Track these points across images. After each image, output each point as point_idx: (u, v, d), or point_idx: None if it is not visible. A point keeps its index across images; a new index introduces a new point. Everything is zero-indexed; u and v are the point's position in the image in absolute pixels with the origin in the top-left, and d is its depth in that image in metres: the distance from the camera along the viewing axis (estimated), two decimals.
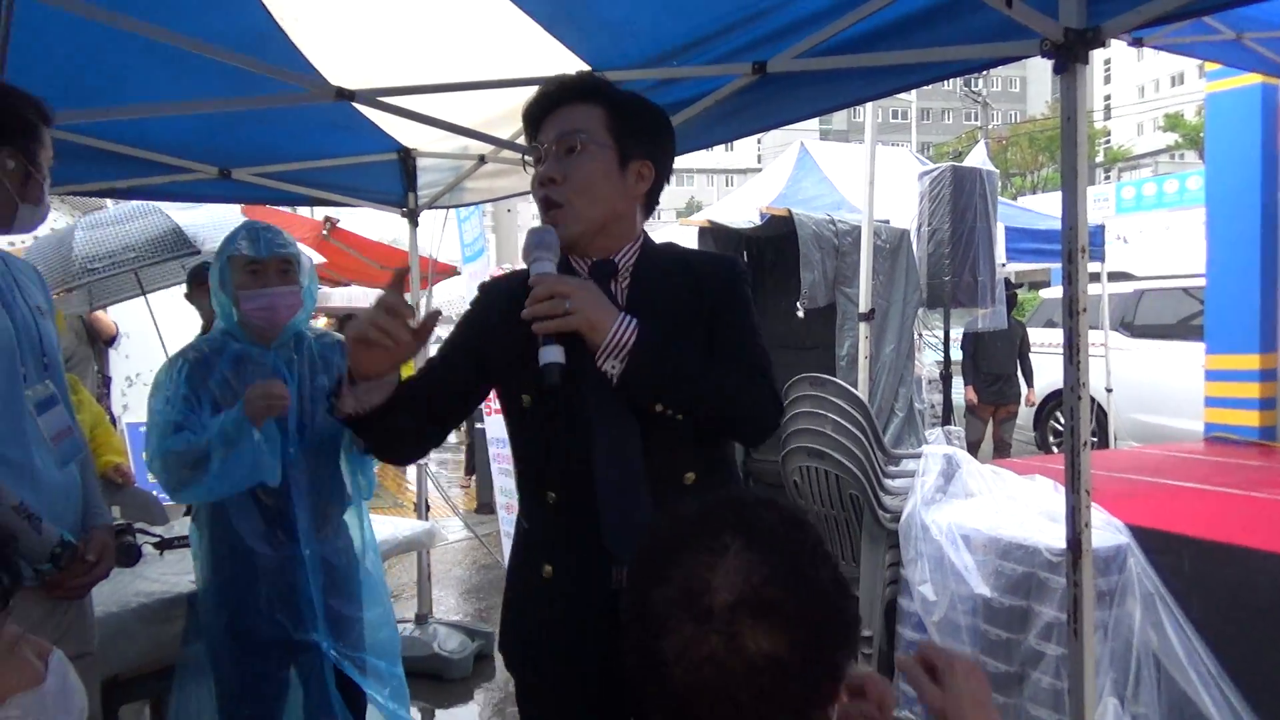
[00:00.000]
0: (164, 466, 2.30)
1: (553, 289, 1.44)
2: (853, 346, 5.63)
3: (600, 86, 1.63)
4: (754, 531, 0.89)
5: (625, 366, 1.46)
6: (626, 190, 1.59)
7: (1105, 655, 2.78)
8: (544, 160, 1.58)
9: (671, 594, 0.87)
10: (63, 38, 2.60)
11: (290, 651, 2.42)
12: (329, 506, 2.52)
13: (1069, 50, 1.93)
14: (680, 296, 1.60)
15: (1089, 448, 2.02)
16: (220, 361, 2.39)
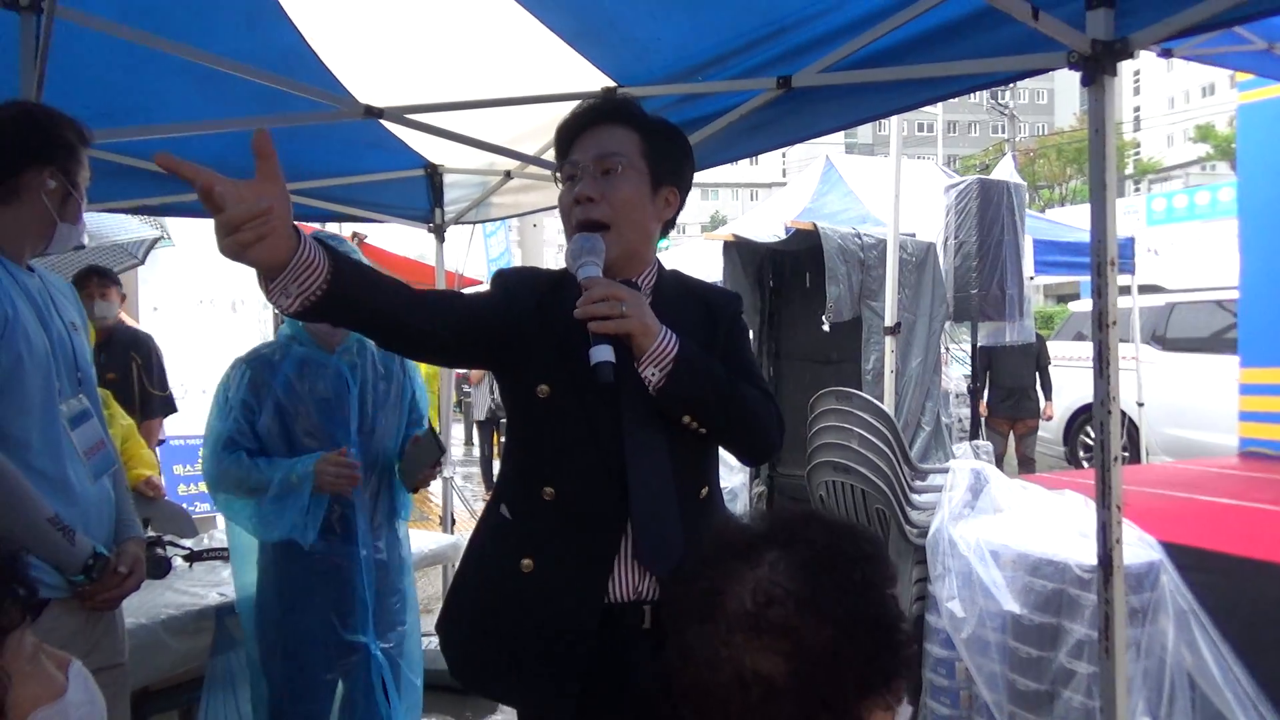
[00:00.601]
0: (217, 479, 2.41)
1: (608, 292, 1.47)
2: (878, 360, 5.60)
3: (636, 111, 1.65)
4: (793, 552, 0.87)
5: (666, 376, 1.49)
6: (655, 213, 1.63)
7: (1138, 674, 2.73)
8: (578, 179, 1.59)
9: (695, 593, 0.88)
10: (99, 59, 2.65)
11: (339, 651, 2.47)
12: (386, 512, 2.60)
13: (1097, 62, 1.92)
14: (697, 321, 1.64)
15: (1120, 463, 1.99)
16: (285, 364, 2.46)
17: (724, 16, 2.49)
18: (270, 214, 1.18)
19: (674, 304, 1.63)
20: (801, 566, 0.86)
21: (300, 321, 2.46)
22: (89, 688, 1.00)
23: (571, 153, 1.62)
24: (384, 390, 2.57)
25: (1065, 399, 9.22)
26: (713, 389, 1.55)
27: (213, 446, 2.41)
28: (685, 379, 1.51)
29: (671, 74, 2.81)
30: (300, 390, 2.44)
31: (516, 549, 1.59)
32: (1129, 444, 8.43)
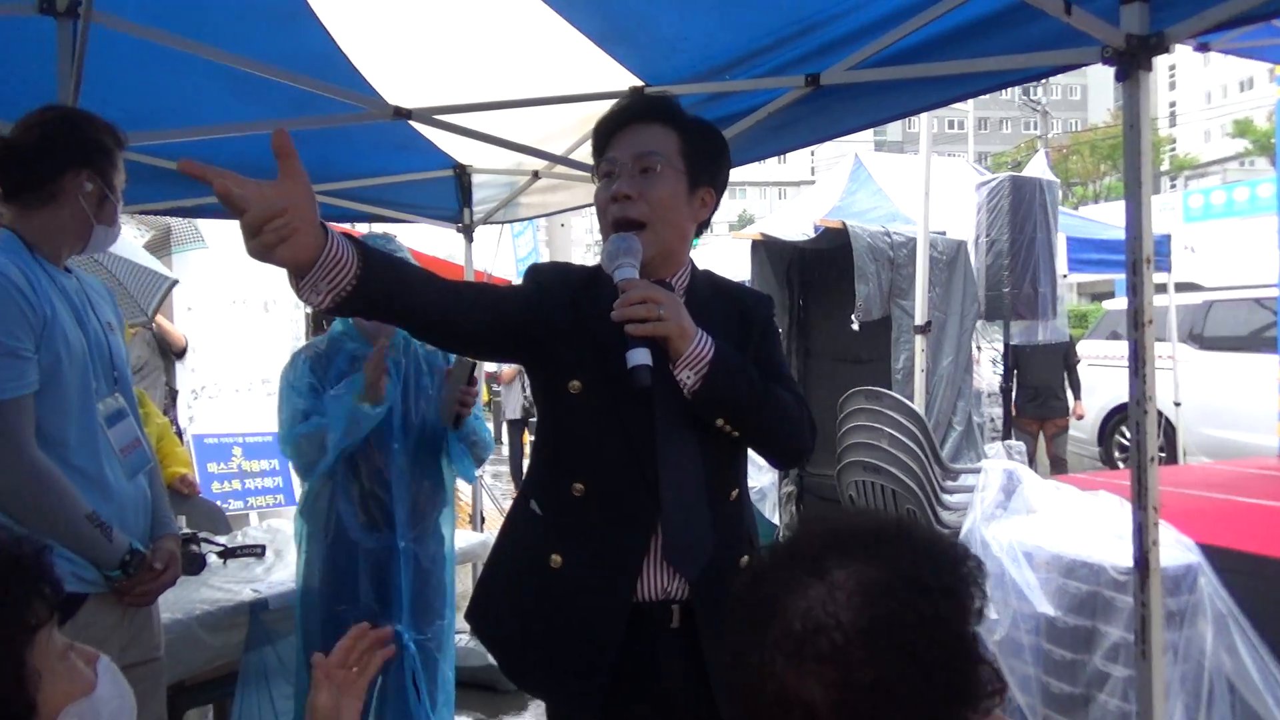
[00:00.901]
0: (296, 451, 2.50)
1: (646, 294, 1.46)
2: (908, 360, 5.55)
3: (676, 109, 1.64)
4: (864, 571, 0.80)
5: (701, 379, 1.49)
6: (691, 214, 1.63)
7: (1175, 678, 2.69)
8: (615, 176, 1.58)
9: (757, 595, 0.84)
10: (134, 63, 2.69)
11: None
12: (426, 505, 2.65)
13: (1132, 57, 1.89)
14: (730, 322, 1.64)
15: (1156, 463, 1.96)
16: (338, 358, 2.56)
17: (751, 15, 2.48)
18: (288, 214, 1.17)
19: (707, 305, 1.62)
20: (865, 592, 0.78)
21: (353, 320, 2.54)
22: (118, 682, 1.01)
23: (609, 150, 1.61)
24: (428, 385, 2.64)
25: (1100, 399, 9.10)
26: (747, 392, 1.54)
27: (289, 422, 2.50)
28: (720, 382, 1.50)
29: (698, 73, 2.81)
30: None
31: (545, 545, 1.60)
32: (1166, 444, 8.31)
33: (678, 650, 1.57)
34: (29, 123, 1.83)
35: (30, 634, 0.89)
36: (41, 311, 1.74)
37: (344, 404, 2.41)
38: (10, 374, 1.68)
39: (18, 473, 1.69)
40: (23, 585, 0.90)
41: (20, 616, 0.89)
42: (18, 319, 1.70)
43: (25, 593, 0.90)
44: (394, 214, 4.37)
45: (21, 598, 0.90)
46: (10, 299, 1.69)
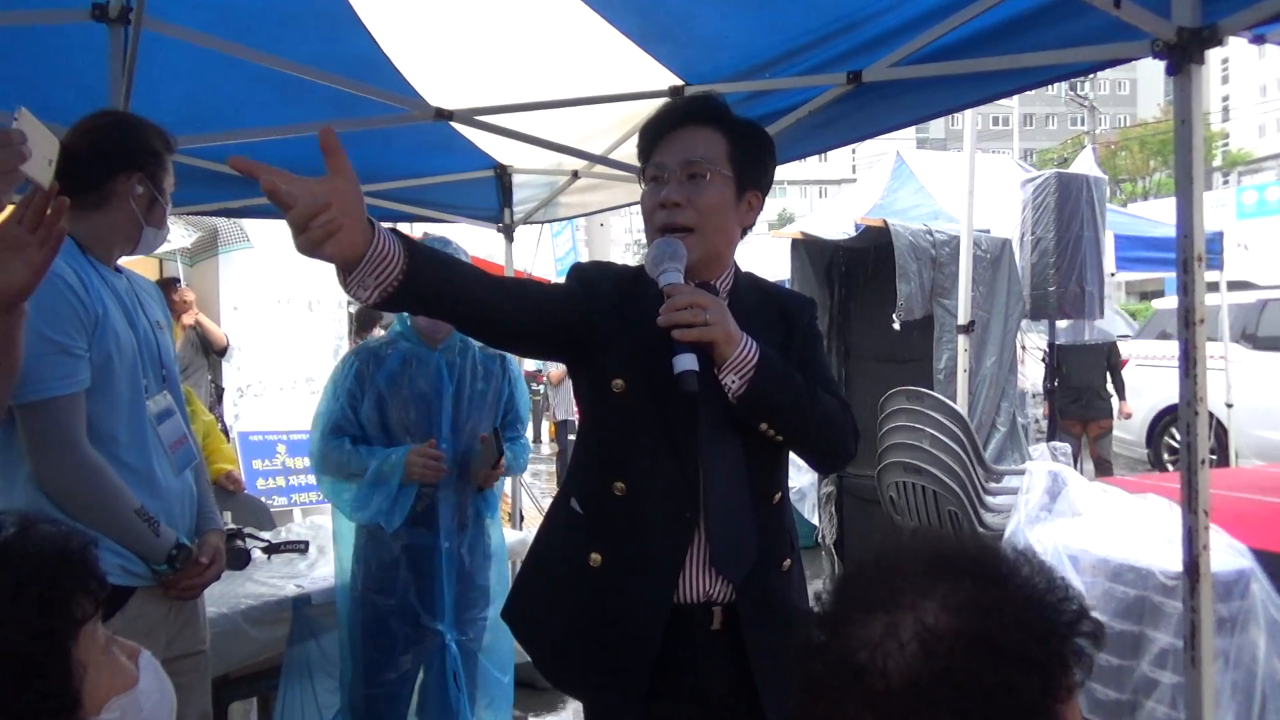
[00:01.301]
0: (321, 461, 2.57)
1: (692, 300, 1.46)
2: (951, 359, 5.48)
3: (724, 112, 1.62)
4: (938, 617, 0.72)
5: (746, 383, 1.48)
6: (738, 219, 1.62)
7: (1226, 686, 2.63)
8: (663, 181, 1.58)
9: (840, 647, 0.75)
10: (183, 68, 2.75)
11: (416, 635, 2.57)
12: (472, 507, 2.68)
13: (1183, 50, 1.84)
14: (773, 325, 1.64)
15: (1207, 466, 1.91)
16: (390, 358, 2.59)
17: (792, 13, 2.46)
18: (334, 209, 1.19)
19: (750, 308, 1.62)
20: (925, 641, 0.72)
21: (384, 313, 2.58)
22: (159, 677, 1.03)
23: (656, 153, 1.60)
24: (481, 390, 2.67)
25: (1148, 400, 8.92)
26: (791, 397, 1.54)
27: (320, 429, 2.57)
28: (765, 387, 1.50)
29: (739, 71, 2.80)
30: (401, 384, 2.58)
31: (585, 544, 1.60)
32: (1217, 446, 8.12)
33: (720, 652, 1.56)
34: (82, 128, 1.88)
35: (76, 628, 0.91)
36: (94, 311, 1.78)
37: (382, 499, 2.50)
38: (63, 372, 1.73)
39: (70, 468, 1.74)
40: (70, 580, 0.92)
41: (67, 611, 0.90)
42: (70, 318, 1.74)
43: (72, 588, 0.92)
44: (435, 214, 4.41)
45: (69, 592, 0.91)
46: (64, 298, 1.73)
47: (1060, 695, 0.72)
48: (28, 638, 0.86)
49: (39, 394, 1.70)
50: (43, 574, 0.90)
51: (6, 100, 2.71)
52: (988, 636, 0.71)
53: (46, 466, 1.74)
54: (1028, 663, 0.71)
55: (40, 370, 1.69)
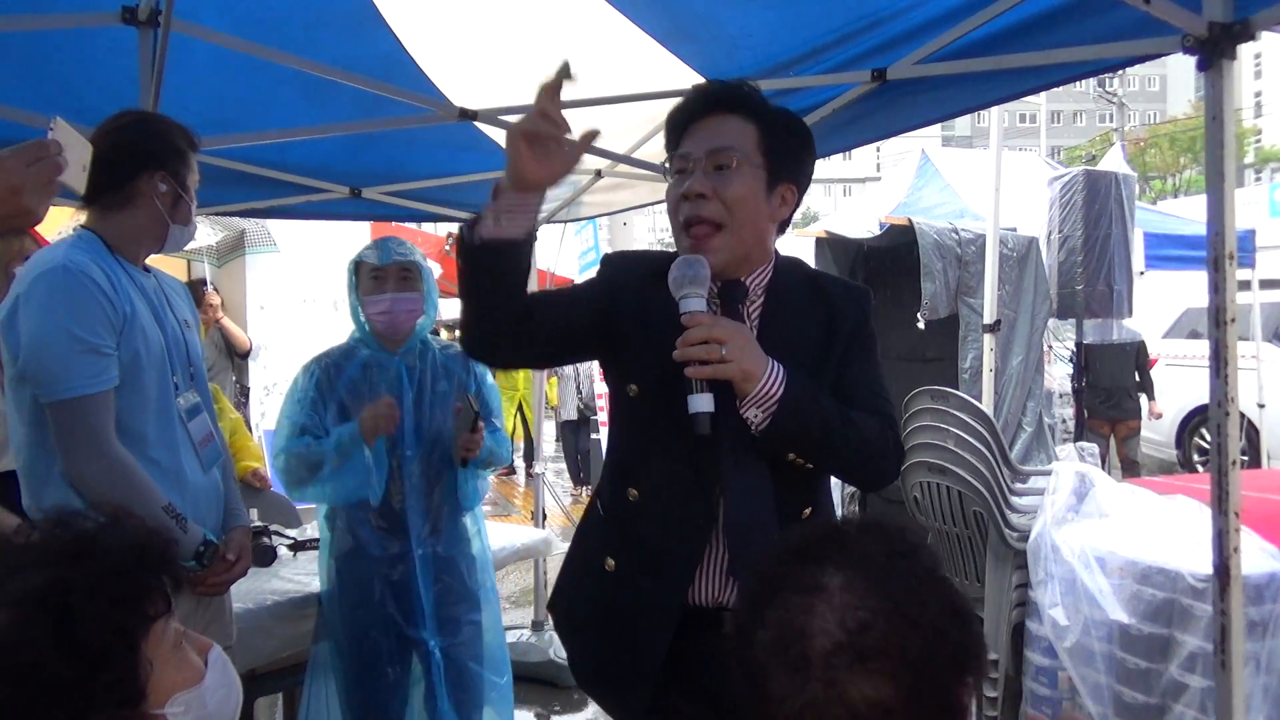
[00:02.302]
0: (285, 465, 2.50)
1: (709, 334, 1.38)
2: (976, 359, 5.44)
3: (754, 98, 1.54)
4: (854, 567, 0.85)
5: (769, 418, 1.41)
6: (771, 213, 1.54)
7: (1257, 690, 2.59)
8: (689, 172, 1.50)
9: (770, 639, 0.84)
10: (211, 70, 2.77)
11: (401, 647, 2.53)
12: (443, 509, 2.62)
13: (1214, 46, 1.82)
14: (812, 326, 1.54)
15: (1238, 467, 1.89)
16: (350, 366, 2.57)
17: (816, 11, 2.45)
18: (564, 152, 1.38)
19: (788, 307, 1.55)
20: (871, 580, 0.84)
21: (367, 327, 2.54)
22: (227, 672, 1.05)
23: (682, 144, 1.53)
24: (444, 390, 2.61)
25: (1178, 400, 8.81)
26: (819, 429, 1.45)
27: (285, 434, 2.52)
28: (789, 422, 1.42)
29: (762, 69, 2.79)
30: (362, 390, 2.53)
31: (601, 547, 1.60)
32: (1248, 447, 8.01)
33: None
34: (104, 128, 1.90)
35: (148, 624, 0.93)
36: (122, 310, 1.80)
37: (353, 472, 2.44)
38: (92, 370, 1.75)
39: (99, 465, 1.76)
40: (146, 578, 0.94)
41: (140, 608, 0.92)
42: (99, 317, 1.77)
43: (148, 585, 0.94)
44: (460, 214, 4.43)
45: (144, 590, 0.93)
46: (92, 298, 1.75)
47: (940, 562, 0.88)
48: (100, 631, 0.88)
49: (68, 392, 1.73)
50: (121, 571, 0.92)
51: (39, 102, 2.77)
52: (897, 549, 0.86)
53: (76, 464, 1.76)
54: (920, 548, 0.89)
55: (69, 369, 1.72)
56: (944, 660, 0.83)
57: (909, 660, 0.80)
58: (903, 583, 0.84)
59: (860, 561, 0.85)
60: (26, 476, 1.85)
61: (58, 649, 0.85)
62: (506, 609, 5.39)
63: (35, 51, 2.65)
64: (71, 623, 0.86)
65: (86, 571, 0.90)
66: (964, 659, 0.84)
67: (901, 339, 5.94)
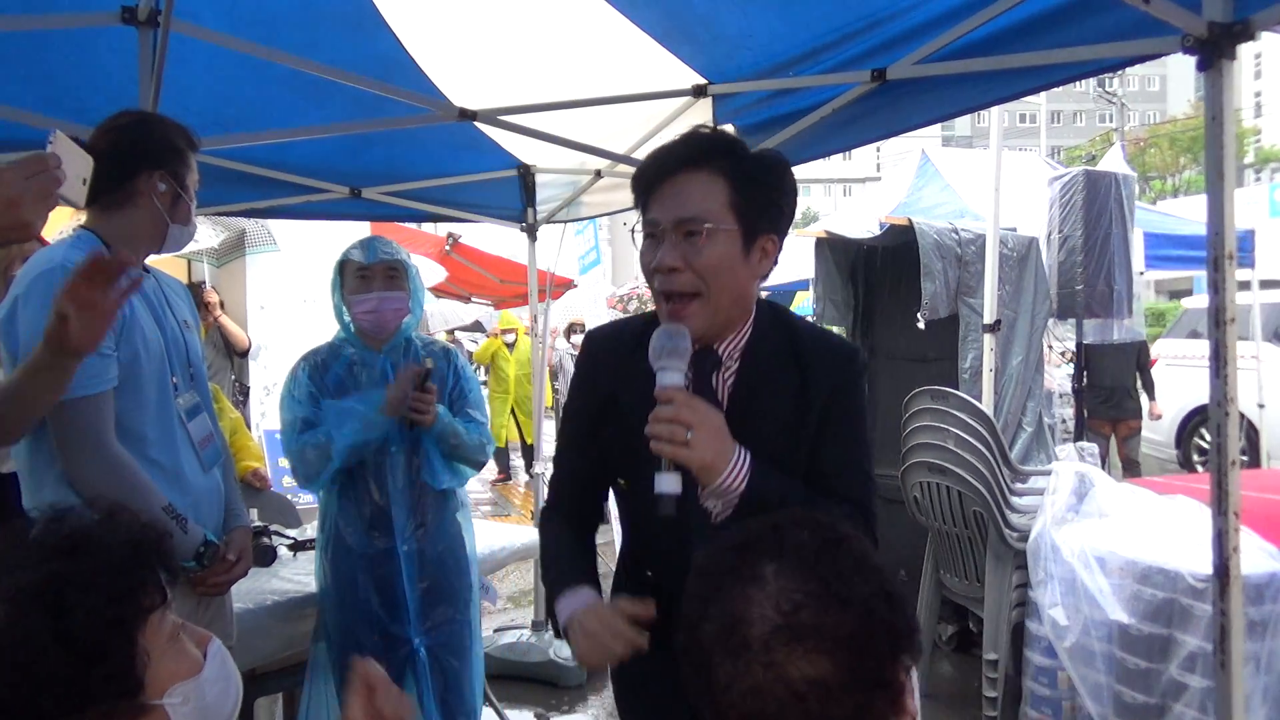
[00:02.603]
0: (301, 460, 2.49)
1: (676, 415, 1.32)
2: (976, 359, 5.43)
3: (723, 150, 1.44)
4: (787, 556, 0.90)
5: (731, 511, 1.36)
6: (751, 271, 1.45)
7: (1257, 690, 2.59)
8: (659, 239, 1.42)
9: (713, 629, 0.89)
10: (211, 70, 2.78)
11: (387, 645, 2.53)
12: (429, 507, 2.62)
13: (1214, 46, 1.81)
14: (784, 396, 1.45)
15: (1238, 467, 1.88)
16: (336, 364, 2.57)
17: (816, 11, 2.45)
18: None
19: (762, 376, 1.47)
20: (803, 566, 0.89)
21: (351, 325, 2.54)
22: (226, 665, 1.06)
23: (650, 207, 1.44)
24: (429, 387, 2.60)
25: (1178, 400, 8.81)
26: None
27: (290, 434, 2.51)
28: (748, 517, 1.35)
29: (762, 70, 2.79)
30: (349, 388, 2.54)
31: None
32: (1248, 447, 8.01)
33: None
34: (103, 128, 1.90)
35: (144, 616, 0.94)
36: (121, 310, 1.80)
37: (355, 413, 2.43)
38: (91, 371, 1.75)
39: (98, 466, 1.76)
40: (142, 571, 0.95)
41: (136, 600, 0.94)
42: None
43: (143, 578, 0.95)
44: (459, 214, 4.43)
45: (139, 582, 0.94)
46: None
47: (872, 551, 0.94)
48: (97, 624, 0.89)
49: (68, 393, 1.72)
50: (117, 564, 0.93)
51: (39, 103, 2.77)
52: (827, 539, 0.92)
53: (76, 464, 1.76)
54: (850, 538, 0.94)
55: None
56: (877, 639, 0.87)
57: (842, 638, 0.85)
58: (834, 567, 0.89)
59: (794, 550, 0.90)
60: (26, 477, 1.85)
61: (55, 643, 0.86)
62: (506, 609, 5.39)
63: (35, 51, 2.65)
64: (68, 617, 0.87)
65: (81, 566, 0.91)
66: (896, 637, 0.88)
67: (902, 339, 5.94)
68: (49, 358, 1.51)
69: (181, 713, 0.96)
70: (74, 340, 1.46)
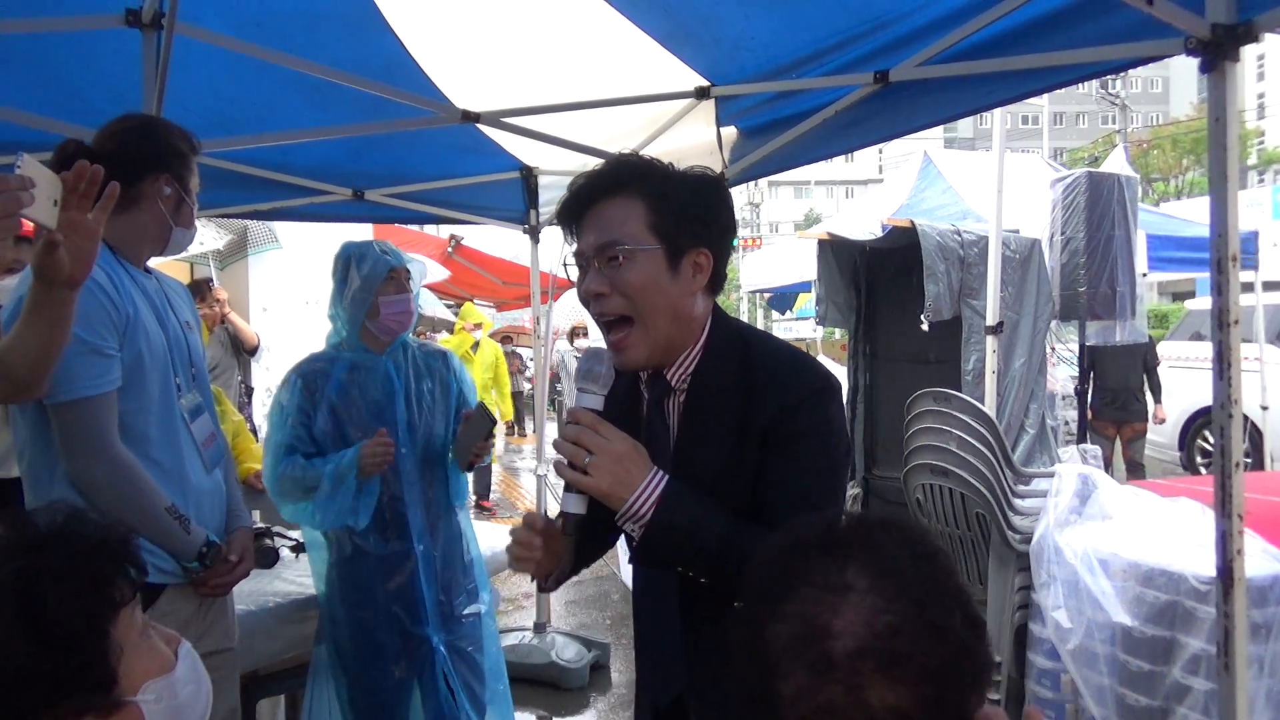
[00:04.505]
0: (278, 487, 2.52)
1: (578, 436, 1.32)
2: (979, 361, 5.43)
3: (637, 174, 1.42)
4: (880, 568, 0.82)
5: (640, 537, 1.35)
6: (683, 288, 1.41)
7: (1260, 693, 2.59)
8: (585, 269, 1.43)
9: (789, 633, 0.81)
10: (215, 72, 2.78)
11: (406, 645, 2.55)
12: (440, 506, 2.65)
13: (1218, 48, 1.81)
14: (729, 420, 1.41)
15: (1242, 469, 1.88)
16: (336, 370, 2.57)
17: (818, 14, 2.45)
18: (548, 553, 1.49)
19: (707, 401, 1.44)
20: (895, 581, 0.81)
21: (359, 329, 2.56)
22: (196, 668, 1.06)
23: (577, 240, 1.44)
24: (429, 387, 2.66)
25: (1181, 402, 8.80)
26: (692, 554, 1.35)
27: (273, 455, 2.52)
28: (658, 542, 1.34)
29: (764, 72, 2.79)
30: (352, 393, 2.55)
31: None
32: (1251, 450, 7.99)
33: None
34: (109, 131, 1.91)
35: (115, 609, 0.94)
36: (124, 311, 1.81)
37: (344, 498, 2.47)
38: (95, 372, 1.75)
39: (102, 466, 1.76)
40: (111, 565, 0.96)
41: (107, 593, 0.94)
42: (102, 318, 1.77)
43: (113, 572, 0.95)
44: (462, 216, 4.44)
45: (109, 576, 0.95)
46: (95, 300, 1.76)
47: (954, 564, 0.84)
48: (70, 616, 0.89)
49: (72, 394, 1.73)
50: (87, 558, 0.94)
51: (43, 105, 2.77)
52: (918, 552, 0.84)
53: (80, 465, 1.76)
54: (939, 551, 0.85)
55: (73, 370, 1.72)
56: (963, 671, 0.81)
57: (932, 669, 0.78)
58: (926, 587, 0.82)
59: (886, 562, 0.82)
60: (29, 478, 1.85)
61: (27, 636, 0.87)
62: (508, 611, 5.39)
63: (39, 54, 2.66)
64: (40, 610, 0.88)
65: (52, 560, 0.91)
66: (980, 670, 0.82)
67: (905, 341, 5.94)
68: (44, 293, 1.50)
69: (155, 710, 0.96)
70: (67, 267, 1.45)
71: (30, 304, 1.53)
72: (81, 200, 1.42)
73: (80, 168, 1.41)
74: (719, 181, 1.49)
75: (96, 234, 1.48)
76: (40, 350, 1.59)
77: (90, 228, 1.46)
